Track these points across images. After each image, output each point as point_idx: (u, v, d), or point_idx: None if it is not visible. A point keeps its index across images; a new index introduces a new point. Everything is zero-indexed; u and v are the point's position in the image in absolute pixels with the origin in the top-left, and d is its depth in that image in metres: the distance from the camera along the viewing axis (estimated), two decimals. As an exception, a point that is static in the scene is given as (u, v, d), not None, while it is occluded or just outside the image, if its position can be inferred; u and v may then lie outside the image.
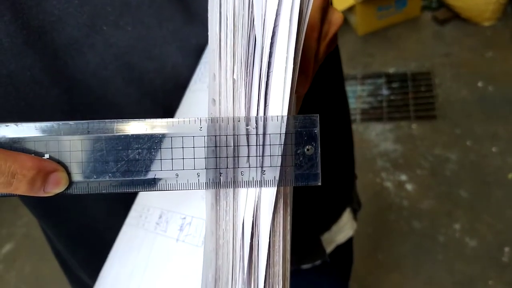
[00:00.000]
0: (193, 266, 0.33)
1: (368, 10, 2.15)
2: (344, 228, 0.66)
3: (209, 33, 0.26)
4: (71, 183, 0.24)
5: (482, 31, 2.06)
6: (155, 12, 0.40)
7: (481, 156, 1.61)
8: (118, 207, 0.43)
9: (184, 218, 0.35)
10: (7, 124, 0.24)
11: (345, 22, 2.31)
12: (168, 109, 0.42)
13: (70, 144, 0.24)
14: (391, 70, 2.04)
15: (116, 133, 0.24)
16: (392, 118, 1.85)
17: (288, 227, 0.26)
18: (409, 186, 1.61)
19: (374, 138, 1.80)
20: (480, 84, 1.84)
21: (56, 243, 0.54)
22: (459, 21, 2.14)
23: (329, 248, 0.64)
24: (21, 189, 0.23)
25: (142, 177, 0.24)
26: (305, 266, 0.64)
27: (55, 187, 0.24)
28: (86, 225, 0.48)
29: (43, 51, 0.37)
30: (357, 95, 1.97)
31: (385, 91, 1.97)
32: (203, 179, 0.24)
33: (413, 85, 1.95)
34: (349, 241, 0.70)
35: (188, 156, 0.24)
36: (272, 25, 0.24)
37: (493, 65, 1.90)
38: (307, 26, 0.27)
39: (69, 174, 0.24)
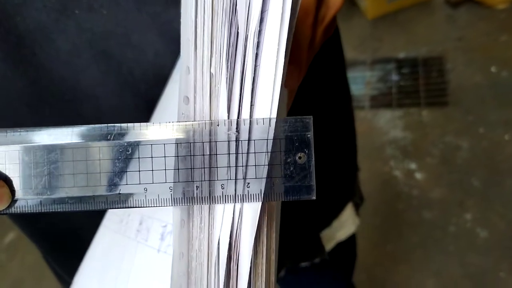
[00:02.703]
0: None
1: (378, -7, 2.08)
2: (345, 224, 0.63)
3: (181, 19, 0.22)
4: (15, 200, 0.20)
5: (496, 14, 1.99)
6: None
7: (494, 144, 1.56)
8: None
9: (165, 226, 0.32)
10: None
11: (354, 5, 2.25)
12: (150, 102, 0.38)
13: (19, 155, 0.20)
14: (401, 55, 1.98)
15: (74, 141, 0.20)
16: (402, 105, 1.80)
17: (273, 246, 0.22)
18: (418, 175, 1.56)
19: (383, 125, 1.75)
20: (493, 69, 1.78)
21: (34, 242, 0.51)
22: (472, 4, 2.07)
23: (329, 246, 0.61)
24: None
25: (105, 193, 0.20)
26: (304, 264, 0.61)
27: None
28: (59, 224, 0.45)
29: (5, 38, 0.33)
30: (366, 81, 1.92)
31: (395, 77, 1.91)
32: (176, 194, 0.20)
33: (424, 70, 1.89)
34: (352, 238, 0.66)
35: (159, 167, 0.20)
36: (259, 10, 0.20)
37: (507, 49, 1.84)
38: (300, 10, 0.23)
39: (14, 190, 0.20)
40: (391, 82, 1.90)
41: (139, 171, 0.20)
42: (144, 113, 0.38)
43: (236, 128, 0.20)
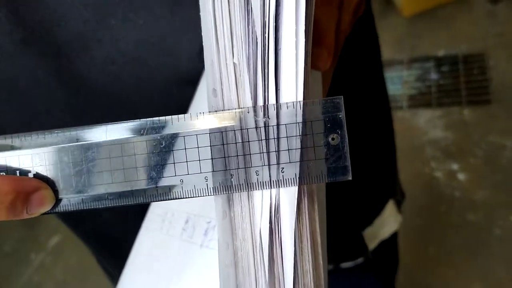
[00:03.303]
0: (217, 273, 0.31)
1: (415, -11, 2.04)
2: (387, 222, 0.61)
3: (201, 13, 0.22)
4: (59, 199, 0.21)
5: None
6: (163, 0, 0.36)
7: (541, 143, 1.50)
8: (134, 210, 0.40)
9: (209, 222, 0.33)
10: None
11: (390, 4, 2.22)
12: (183, 104, 0.38)
13: (58, 156, 0.21)
14: (440, 53, 1.93)
15: (108, 138, 0.21)
16: (442, 104, 1.75)
17: (318, 228, 0.21)
18: (461, 176, 1.51)
19: (423, 125, 1.71)
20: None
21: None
22: (514, -2, 2.00)
23: (372, 245, 0.59)
24: (0, 216, 0.20)
25: (142, 187, 0.21)
26: (346, 265, 0.59)
27: (39, 208, 0.21)
28: (100, 229, 0.46)
29: (45, 50, 0.34)
30: (403, 81, 1.88)
31: (434, 76, 1.87)
32: (212, 184, 0.20)
33: (465, 68, 1.84)
34: (394, 236, 0.65)
35: (193, 158, 0.20)
36: None
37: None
38: None
39: (56, 190, 0.21)
40: (430, 81, 1.85)
41: (174, 163, 0.20)
42: (180, 113, 0.38)
43: (265, 113, 0.20)
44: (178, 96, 0.39)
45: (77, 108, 0.38)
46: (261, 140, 0.19)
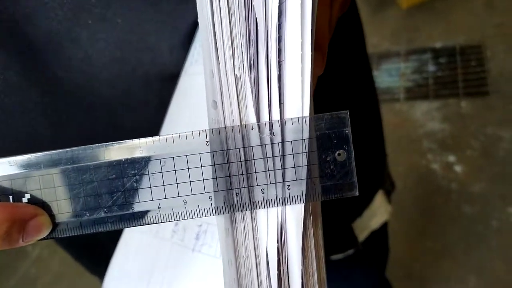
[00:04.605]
0: (210, 278, 0.31)
1: (412, -20, 2.03)
2: (377, 212, 0.61)
3: (199, 20, 0.21)
4: (57, 224, 0.20)
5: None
6: None
7: (538, 134, 1.50)
8: None
9: (200, 225, 0.32)
10: None
11: (387, -5, 2.20)
12: (164, 98, 0.37)
13: (54, 179, 0.20)
14: (438, 45, 1.92)
15: (107, 159, 0.20)
16: (439, 96, 1.75)
17: (321, 242, 0.21)
18: (458, 168, 1.51)
19: (420, 118, 1.70)
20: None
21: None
22: (512, -12, 1.99)
23: (362, 236, 0.59)
24: None
25: (145, 209, 0.20)
26: (336, 257, 0.59)
27: (35, 235, 0.20)
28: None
29: (17, 49, 0.33)
30: (400, 73, 1.88)
31: (431, 67, 1.86)
32: (217, 203, 0.20)
33: (462, 59, 1.83)
34: (384, 227, 0.64)
35: (196, 178, 0.20)
36: (277, 2, 0.19)
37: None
38: None
39: (53, 215, 0.20)
40: (427, 73, 1.85)
41: (177, 183, 0.20)
42: (159, 110, 0.38)
43: (270, 130, 0.19)
44: (159, 92, 0.39)
45: (53, 110, 0.37)
46: (267, 158, 0.19)
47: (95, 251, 0.47)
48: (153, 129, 0.38)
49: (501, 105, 1.63)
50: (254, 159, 0.19)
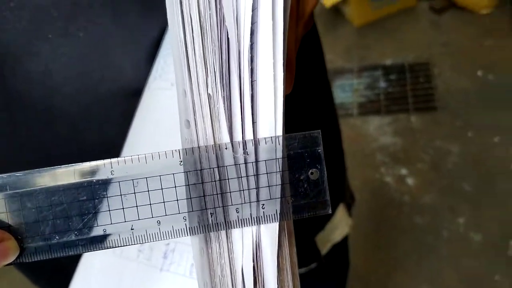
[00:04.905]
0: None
1: (363, 1, 2.10)
2: (339, 226, 0.62)
3: (170, 39, 0.21)
4: (24, 248, 0.19)
5: (480, 19, 2.01)
6: (109, 8, 0.34)
7: (484, 147, 1.57)
8: None
9: (168, 244, 0.32)
10: None
11: (339, 14, 2.27)
12: (127, 114, 0.37)
13: (20, 201, 0.19)
14: (388, 62, 2.00)
15: (77, 180, 0.19)
16: (390, 111, 1.81)
17: (295, 259, 0.21)
18: (410, 181, 1.57)
19: (373, 132, 1.75)
20: (479, 73, 1.80)
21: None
22: (456, 9, 2.10)
23: (324, 249, 0.60)
24: None
25: (115, 231, 0.19)
26: (299, 271, 0.60)
27: (2, 260, 0.19)
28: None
29: None
30: (353, 89, 1.93)
31: (382, 84, 1.92)
32: (191, 224, 0.19)
33: (411, 76, 1.90)
34: (345, 240, 0.66)
35: (170, 198, 0.19)
36: (250, 23, 0.20)
37: (492, 53, 1.86)
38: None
39: (20, 238, 0.19)
40: (379, 89, 1.91)
41: (150, 204, 0.19)
42: (122, 126, 0.37)
43: (244, 150, 0.19)
44: (122, 108, 0.38)
45: (10, 125, 0.36)
46: (241, 177, 0.19)
47: (55, 273, 0.45)
48: (116, 145, 0.37)
49: (448, 120, 1.70)
50: (228, 179, 0.19)
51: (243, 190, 0.19)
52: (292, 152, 0.19)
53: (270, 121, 0.19)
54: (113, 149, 0.37)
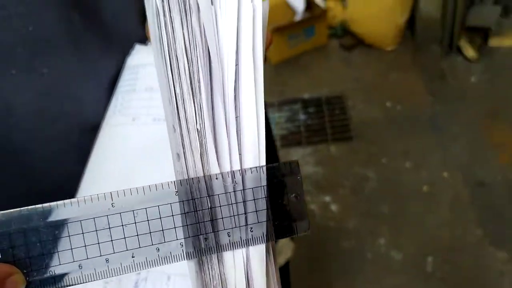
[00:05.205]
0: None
1: (280, 39, 2.21)
2: (282, 250, 0.65)
3: (158, 77, 0.24)
4: (29, 282, 0.20)
5: (386, 55, 2.20)
6: (73, 45, 0.36)
7: (397, 172, 1.70)
8: None
9: (139, 273, 0.32)
10: None
11: (258, 51, 2.35)
12: (83, 149, 0.38)
13: (26, 236, 0.20)
14: (306, 96, 2.11)
15: (80, 214, 0.21)
16: (311, 142, 1.90)
17: (278, 276, 0.24)
18: (333, 207, 1.65)
19: (296, 163, 1.83)
20: (388, 104, 1.96)
21: None
22: (364, 47, 2.28)
23: None
24: None
25: (118, 259, 0.21)
26: None
27: None
28: None
29: None
30: (275, 122, 2.01)
31: (302, 116, 2.02)
32: (188, 249, 0.22)
33: (328, 108, 2.02)
34: (287, 264, 0.69)
35: (168, 226, 0.22)
36: (234, 64, 0.23)
37: (398, 85, 2.04)
38: None
39: (26, 272, 0.20)
40: (299, 121, 2.00)
41: (150, 232, 0.22)
42: (80, 161, 0.38)
43: (232, 179, 0.22)
44: (79, 144, 0.39)
45: None
46: (231, 204, 0.22)
47: None
48: (72, 180, 0.37)
49: (364, 148, 1.82)
50: (220, 206, 0.22)
51: (233, 215, 0.22)
52: (275, 180, 0.23)
53: (255, 154, 0.22)
54: (69, 186, 0.37)
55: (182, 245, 0.22)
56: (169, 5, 0.22)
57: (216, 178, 0.22)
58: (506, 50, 2.12)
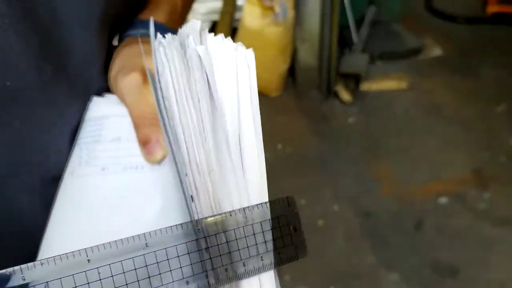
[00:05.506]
0: None
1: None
2: None
3: (167, 132, 0.26)
4: None
5: (273, 101, 2.35)
6: (44, 96, 0.36)
7: (294, 210, 1.80)
8: None
9: None
10: None
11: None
12: (46, 203, 0.37)
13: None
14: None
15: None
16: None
17: None
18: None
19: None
20: (279, 146, 2.08)
21: None
22: (251, 93, 2.41)
23: None
24: None
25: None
26: None
27: None
28: None
29: None
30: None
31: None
32: (211, 280, 0.24)
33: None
34: None
35: (189, 262, 0.24)
36: (238, 132, 0.27)
37: (287, 128, 2.18)
38: None
39: None
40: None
41: (170, 270, 0.24)
42: (42, 213, 0.37)
43: (243, 215, 0.25)
44: (44, 193, 0.38)
45: None
46: (245, 237, 0.25)
47: None
48: (35, 233, 0.37)
49: (261, 189, 1.90)
50: (237, 239, 0.25)
51: (247, 247, 0.25)
52: (279, 213, 0.26)
53: (259, 191, 0.26)
54: (31, 238, 0.37)
55: (207, 277, 0.24)
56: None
57: (230, 215, 0.25)
58: (374, 93, 2.39)
